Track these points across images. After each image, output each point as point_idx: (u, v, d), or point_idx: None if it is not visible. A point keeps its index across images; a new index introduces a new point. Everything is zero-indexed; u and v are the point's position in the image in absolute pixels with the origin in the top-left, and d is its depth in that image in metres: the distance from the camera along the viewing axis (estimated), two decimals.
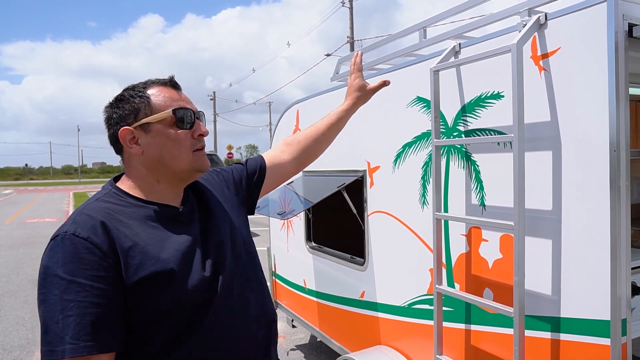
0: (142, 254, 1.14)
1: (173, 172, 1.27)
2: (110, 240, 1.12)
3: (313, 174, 3.51)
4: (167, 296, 1.15)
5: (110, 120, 1.27)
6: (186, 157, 1.26)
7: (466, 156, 2.11)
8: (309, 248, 3.67)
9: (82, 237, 1.10)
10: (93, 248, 1.09)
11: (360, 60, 1.92)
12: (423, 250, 2.39)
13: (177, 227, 1.26)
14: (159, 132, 1.24)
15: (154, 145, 1.24)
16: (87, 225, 1.12)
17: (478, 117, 2.04)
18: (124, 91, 1.29)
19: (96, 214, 1.16)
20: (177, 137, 1.24)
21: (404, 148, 2.51)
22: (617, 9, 1.53)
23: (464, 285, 2.15)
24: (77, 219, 1.14)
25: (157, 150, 1.24)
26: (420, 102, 2.40)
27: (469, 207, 2.10)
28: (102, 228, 1.13)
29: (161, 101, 1.25)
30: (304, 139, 1.80)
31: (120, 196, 1.25)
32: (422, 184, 2.39)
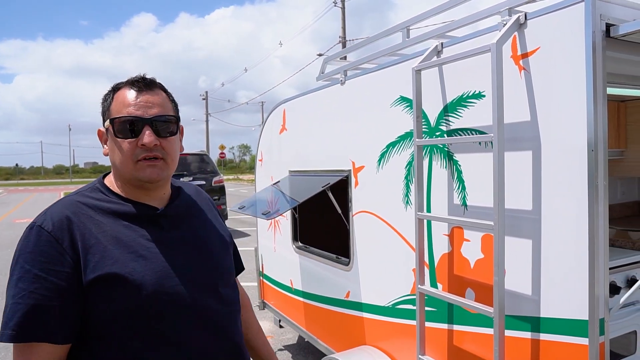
0: (102, 252, 1.14)
1: (123, 177, 1.27)
2: (72, 237, 1.14)
3: (299, 174, 3.50)
4: (120, 299, 1.13)
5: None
6: (128, 166, 1.23)
7: (448, 156, 2.11)
8: (295, 248, 3.66)
9: (47, 229, 1.12)
10: (54, 242, 1.12)
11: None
12: (406, 250, 2.39)
13: (152, 230, 1.24)
14: (112, 136, 1.24)
15: (110, 150, 1.27)
16: (54, 219, 1.14)
17: (460, 116, 2.04)
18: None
19: (66, 209, 1.17)
20: (120, 146, 1.23)
21: (388, 148, 2.51)
22: (595, 9, 1.53)
23: (446, 285, 2.15)
24: (48, 211, 1.17)
25: (111, 153, 1.27)
26: (403, 102, 2.39)
27: (451, 207, 2.10)
28: (67, 223, 1.14)
29: (115, 106, 1.24)
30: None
31: (102, 191, 1.26)
32: (405, 184, 2.38)
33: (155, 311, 1.16)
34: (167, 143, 1.25)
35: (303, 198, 2.87)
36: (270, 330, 5.02)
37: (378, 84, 2.59)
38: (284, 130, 3.77)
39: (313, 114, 3.31)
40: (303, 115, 3.47)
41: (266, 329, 5.09)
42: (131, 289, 1.13)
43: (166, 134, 1.25)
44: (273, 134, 3.96)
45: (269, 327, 5.12)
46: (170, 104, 1.31)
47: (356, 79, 2.79)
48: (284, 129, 3.76)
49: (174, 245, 1.26)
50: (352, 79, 2.83)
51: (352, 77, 2.84)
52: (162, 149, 1.24)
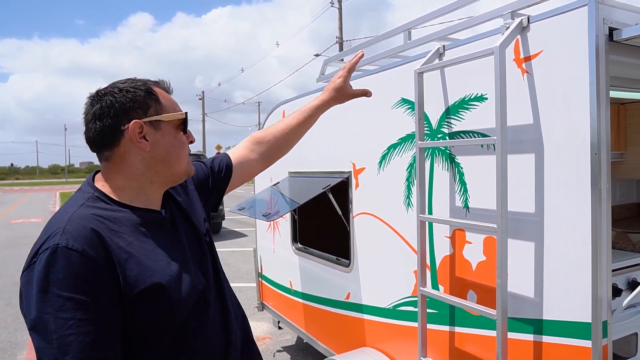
0: (138, 266, 1.10)
1: (172, 173, 1.26)
2: (107, 252, 1.07)
3: (299, 175, 3.50)
4: (165, 306, 1.13)
5: (109, 110, 1.18)
6: (184, 161, 1.28)
7: (450, 158, 2.11)
8: (295, 249, 3.66)
9: (76, 249, 1.02)
10: (89, 262, 1.03)
11: (357, 62, 1.85)
12: (408, 252, 2.39)
13: (163, 234, 1.24)
14: (168, 132, 1.23)
15: (162, 144, 1.22)
16: (81, 236, 1.05)
17: (462, 119, 2.05)
18: (121, 84, 1.22)
19: (88, 223, 1.09)
20: (182, 140, 1.27)
21: (389, 150, 2.51)
22: (598, 13, 1.54)
23: (448, 288, 2.15)
24: (68, 229, 1.06)
25: (164, 149, 1.23)
26: (405, 104, 2.40)
27: (453, 209, 2.10)
28: (97, 239, 1.06)
29: (167, 102, 1.25)
30: (274, 138, 1.72)
31: (105, 201, 1.19)
32: (406, 186, 2.39)
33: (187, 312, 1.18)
34: None
35: (303, 200, 2.87)
36: (268, 332, 5.02)
37: (379, 86, 2.59)
38: None
39: None
40: None
41: (265, 331, 5.08)
42: (173, 296, 1.14)
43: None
44: None
45: (268, 329, 5.11)
46: None
47: (357, 80, 2.79)
48: None
49: (183, 245, 1.27)
50: (353, 80, 2.82)
51: (353, 79, 2.83)
52: None
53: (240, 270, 8.32)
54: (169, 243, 1.23)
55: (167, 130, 1.23)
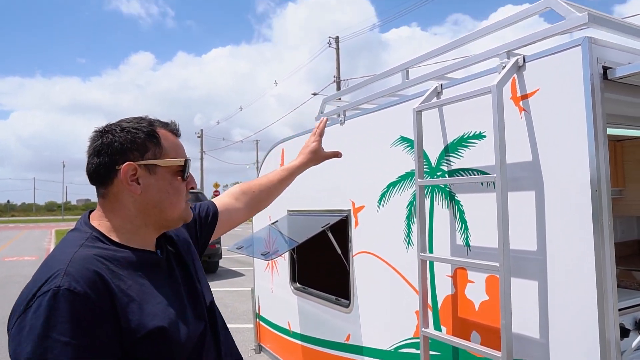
0: (140, 310, 1.09)
1: (165, 218, 1.24)
2: (110, 296, 1.05)
3: (298, 214, 3.48)
4: (165, 350, 1.11)
5: (107, 148, 1.18)
6: (180, 207, 1.25)
7: (450, 196, 2.10)
8: (293, 289, 3.59)
9: (79, 292, 1.00)
10: (92, 306, 1.01)
11: (324, 126, 2.15)
12: (409, 291, 2.35)
13: (160, 276, 1.23)
14: (164, 177, 1.21)
15: (155, 189, 1.20)
16: (84, 278, 1.02)
17: (461, 156, 2.05)
18: (125, 122, 1.22)
19: (90, 265, 1.06)
20: (178, 187, 1.24)
21: (389, 187, 2.50)
22: (591, 53, 1.57)
23: (450, 328, 2.10)
24: (69, 270, 1.03)
25: (157, 194, 1.21)
26: (403, 142, 2.41)
27: (454, 247, 2.08)
28: (100, 282, 1.04)
29: (170, 146, 1.24)
30: (259, 190, 1.85)
31: (103, 241, 1.17)
32: (407, 224, 2.37)
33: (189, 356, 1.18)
34: None
35: (302, 239, 2.84)
36: None
37: (378, 124, 2.62)
38: None
39: None
40: None
41: None
42: (174, 339, 1.13)
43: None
44: None
45: None
46: None
47: (356, 119, 2.82)
48: None
49: (179, 286, 1.27)
50: (352, 119, 2.86)
51: (351, 117, 2.87)
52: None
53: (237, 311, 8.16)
54: (166, 285, 1.22)
55: (162, 175, 1.21)
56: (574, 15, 1.66)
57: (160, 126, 1.25)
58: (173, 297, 1.20)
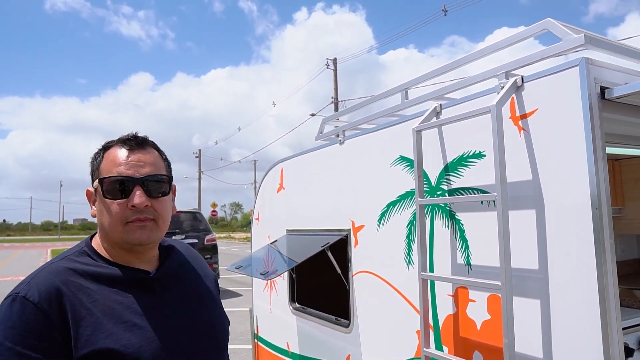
0: (94, 325, 1.07)
1: (111, 239, 1.21)
2: (62, 309, 1.05)
3: (297, 233, 3.47)
4: None
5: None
6: (117, 229, 1.18)
7: (450, 215, 2.10)
8: (292, 309, 3.56)
9: (32, 301, 1.03)
10: (41, 315, 1.02)
11: None
12: (409, 311, 2.33)
13: (144, 295, 1.18)
14: (100, 197, 1.20)
15: (98, 211, 1.21)
16: (41, 289, 1.05)
17: (461, 176, 2.06)
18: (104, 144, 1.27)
19: (55, 277, 1.08)
20: (108, 207, 1.18)
21: (389, 207, 2.51)
22: (589, 73, 1.59)
23: (452, 348, 2.08)
24: (32, 282, 1.07)
25: (99, 216, 1.21)
26: (403, 162, 2.42)
27: (454, 266, 2.07)
28: (55, 294, 1.06)
29: (105, 166, 1.20)
30: None
31: (89, 255, 1.19)
32: (407, 243, 2.36)
33: None
34: (158, 204, 1.21)
35: (302, 258, 2.83)
36: None
37: (377, 144, 2.63)
38: (281, 189, 3.77)
39: (311, 173, 3.34)
40: (301, 174, 3.50)
41: None
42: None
43: (158, 194, 1.21)
44: (270, 192, 3.96)
45: None
46: (162, 162, 1.27)
47: (355, 138, 2.84)
48: (281, 188, 3.77)
49: (168, 310, 1.22)
50: (352, 138, 2.88)
51: (351, 137, 2.89)
52: (154, 210, 1.20)
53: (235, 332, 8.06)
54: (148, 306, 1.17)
55: (100, 196, 1.20)
56: (570, 36, 1.69)
57: (115, 143, 1.23)
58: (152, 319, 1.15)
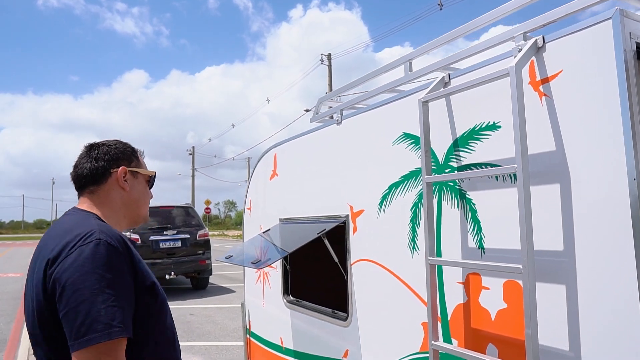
0: (143, 268, 1.43)
1: (137, 215, 1.65)
2: (130, 253, 1.39)
3: (291, 222, 3.26)
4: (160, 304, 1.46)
5: (104, 155, 1.57)
6: (147, 208, 1.68)
7: (460, 194, 1.91)
8: (286, 302, 3.36)
9: (113, 245, 1.33)
10: (121, 256, 1.34)
11: None
12: (414, 301, 2.13)
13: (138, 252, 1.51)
14: (142, 182, 1.65)
15: (137, 189, 1.62)
16: (114, 238, 1.35)
17: (472, 150, 1.87)
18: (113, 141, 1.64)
19: (114, 231, 1.40)
20: (147, 192, 1.69)
21: (391, 189, 2.31)
22: (624, 27, 1.40)
23: (462, 341, 1.89)
24: (102, 230, 1.35)
25: (137, 193, 1.62)
26: (407, 139, 2.22)
27: (465, 251, 1.88)
28: (124, 243, 1.38)
29: (143, 163, 1.70)
30: None
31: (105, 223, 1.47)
32: (411, 228, 2.17)
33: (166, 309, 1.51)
34: None
35: (295, 247, 2.62)
36: None
37: (378, 122, 2.43)
38: (274, 175, 3.57)
39: (306, 157, 3.13)
40: (295, 159, 3.29)
41: None
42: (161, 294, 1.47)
43: None
44: (263, 180, 3.76)
45: None
46: None
47: (354, 117, 2.64)
48: (274, 175, 3.56)
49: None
50: (350, 118, 2.68)
51: (349, 116, 2.69)
52: None
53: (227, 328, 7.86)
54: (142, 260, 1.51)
55: (140, 180, 1.65)
56: None
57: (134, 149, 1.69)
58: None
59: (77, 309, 1.21)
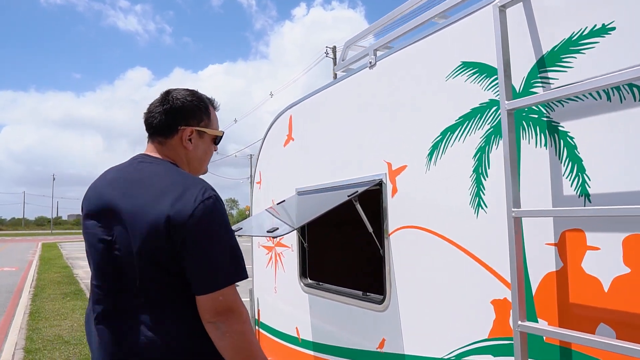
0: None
1: (198, 170, 1.68)
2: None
3: (310, 191, 2.79)
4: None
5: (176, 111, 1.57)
6: (206, 164, 1.72)
7: (550, 127, 1.44)
8: (303, 286, 2.89)
9: (220, 200, 1.45)
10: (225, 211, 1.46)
11: None
12: (480, 272, 1.67)
13: None
14: (207, 141, 1.66)
15: (201, 148, 1.64)
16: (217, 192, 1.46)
17: (568, 68, 1.40)
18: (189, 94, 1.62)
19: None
20: (212, 150, 1.71)
21: (444, 135, 1.84)
22: None
23: (555, 320, 1.42)
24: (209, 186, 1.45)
25: (201, 152, 1.65)
26: (467, 69, 1.75)
27: (559, 199, 1.41)
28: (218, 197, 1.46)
29: (214, 120, 1.69)
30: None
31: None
32: (475, 179, 1.70)
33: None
34: None
35: (323, 211, 2.15)
36: None
37: (426, 55, 1.97)
38: (289, 141, 3.10)
39: (329, 114, 2.66)
40: (315, 118, 2.82)
41: None
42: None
43: None
44: (275, 147, 3.28)
45: None
46: None
47: (392, 56, 2.17)
48: (289, 140, 3.09)
49: None
50: (386, 57, 2.21)
51: (385, 56, 2.22)
52: None
53: None
54: None
55: (206, 139, 1.65)
56: None
57: (209, 102, 1.68)
58: None
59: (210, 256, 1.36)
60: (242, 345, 1.35)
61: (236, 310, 1.37)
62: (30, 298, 9.96)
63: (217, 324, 1.35)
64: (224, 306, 1.34)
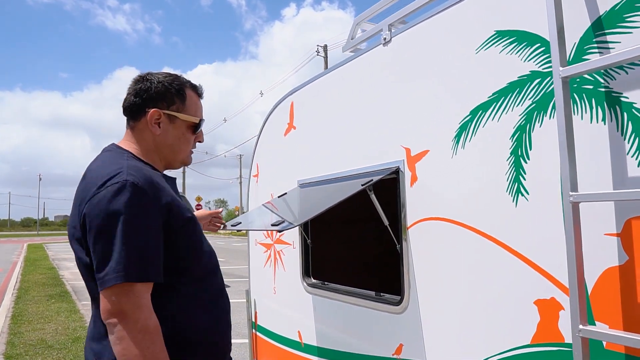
0: (177, 206, 1.43)
1: (173, 159, 1.62)
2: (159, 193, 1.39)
3: (313, 183, 2.58)
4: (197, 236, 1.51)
5: (143, 93, 1.54)
6: (185, 153, 1.64)
7: (609, 98, 1.24)
8: (306, 286, 2.67)
9: (142, 187, 1.34)
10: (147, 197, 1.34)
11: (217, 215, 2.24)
12: (520, 268, 1.46)
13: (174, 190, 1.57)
14: (179, 127, 1.59)
15: (171, 135, 1.57)
16: (142, 179, 1.35)
17: (629, 31, 1.20)
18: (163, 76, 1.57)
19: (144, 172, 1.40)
20: (188, 139, 1.63)
21: (474, 114, 1.63)
22: None
23: (617, 323, 1.22)
24: (130, 172, 1.35)
25: (172, 138, 1.58)
26: (502, 39, 1.55)
27: (620, 181, 1.21)
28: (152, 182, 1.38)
29: (191, 105, 1.61)
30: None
31: (139, 159, 1.51)
32: (513, 163, 1.49)
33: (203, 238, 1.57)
34: None
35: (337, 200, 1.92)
36: None
37: (452, 27, 1.76)
38: (290, 129, 2.88)
39: (335, 99, 2.45)
40: (320, 103, 2.60)
41: None
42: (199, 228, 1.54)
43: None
44: (275, 137, 3.06)
45: None
46: None
47: (410, 30, 1.96)
48: (290, 128, 2.87)
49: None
50: (404, 32, 2.00)
51: (402, 31, 2.01)
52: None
53: None
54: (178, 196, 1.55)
55: (179, 126, 1.59)
56: None
57: (189, 86, 1.62)
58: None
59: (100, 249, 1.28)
60: (130, 357, 1.24)
61: (129, 315, 1.26)
62: (13, 300, 9.63)
63: (110, 327, 1.27)
64: (116, 308, 1.26)
